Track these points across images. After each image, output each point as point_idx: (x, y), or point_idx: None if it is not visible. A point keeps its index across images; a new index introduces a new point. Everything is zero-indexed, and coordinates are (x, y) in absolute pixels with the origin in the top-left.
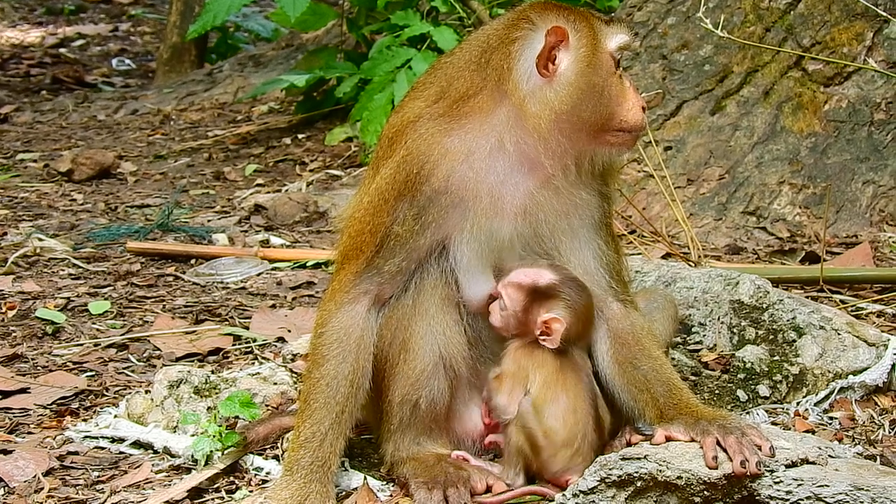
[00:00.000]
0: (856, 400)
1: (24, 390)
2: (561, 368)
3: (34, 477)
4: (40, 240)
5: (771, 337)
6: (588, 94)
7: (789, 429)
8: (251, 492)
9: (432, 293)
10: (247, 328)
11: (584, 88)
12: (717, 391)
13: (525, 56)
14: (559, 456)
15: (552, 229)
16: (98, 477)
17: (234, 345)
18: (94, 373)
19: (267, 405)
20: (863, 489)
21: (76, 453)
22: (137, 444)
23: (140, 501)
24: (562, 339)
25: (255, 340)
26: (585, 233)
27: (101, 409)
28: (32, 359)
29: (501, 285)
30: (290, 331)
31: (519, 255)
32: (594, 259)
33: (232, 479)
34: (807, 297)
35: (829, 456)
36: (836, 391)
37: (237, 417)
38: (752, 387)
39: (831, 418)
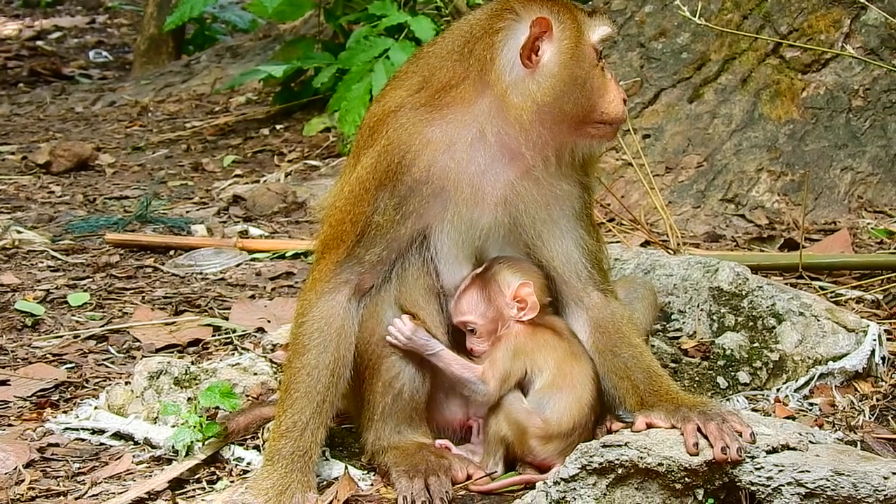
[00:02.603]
0: (836, 386)
1: (3, 382)
2: (571, 354)
3: (15, 469)
4: (19, 232)
5: (750, 324)
6: (570, 86)
7: (769, 415)
8: (232, 482)
9: (414, 283)
10: (226, 319)
11: (567, 80)
12: (697, 378)
13: (508, 46)
14: (551, 446)
15: (532, 220)
16: (79, 468)
17: (213, 336)
18: (73, 364)
19: (247, 395)
20: (843, 474)
21: (57, 445)
22: (118, 436)
23: (121, 493)
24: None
25: (234, 331)
26: (566, 223)
27: (82, 400)
28: (12, 351)
29: (457, 315)
30: (269, 321)
31: (499, 244)
32: (575, 249)
33: (213, 469)
34: (786, 284)
35: (810, 442)
36: (815, 377)
37: (217, 408)
38: (732, 373)
39: (811, 404)
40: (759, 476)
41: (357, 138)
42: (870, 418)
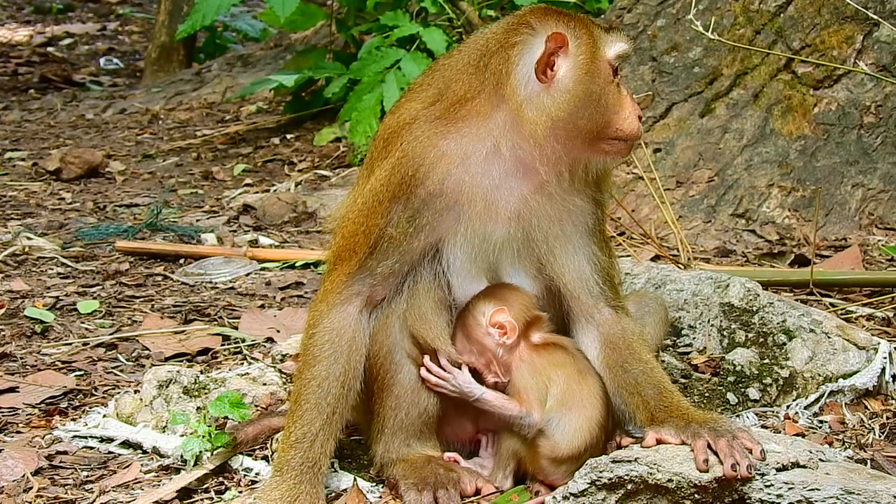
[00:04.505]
0: (846, 403)
1: (12, 389)
2: (578, 372)
3: (23, 476)
4: (29, 238)
5: (761, 340)
6: (585, 102)
7: (779, 432)
8: (240, 492)
9: (425, 296)
10: (236, 328)
11: (582, 96)
12: (707, 394)
13: (524, 61)
14: (563, 467)
15: (545, 234)
16: (87, 477)
17: (222, 345)
18: (82, 372)
19: (256, 405)
20: (853, 493)
21: (65, 453)
22: (126, 444)
23: (129, 501)
24: (523, 324)
25: (244, 341)
26: (579, 238)
27: (90, 408)
28: (21, 358)
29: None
30: (279, 331)
31: (512, 258)
32: (587, 265)
33: (221, 479)
34: (797, 300)
35: (820, 460)
36: (826, 395)
37: (226, 418)
38: (742, 390)
39: (821, 422)
40: (769, 494)
41: (371, 150)
42: (880, 436)
